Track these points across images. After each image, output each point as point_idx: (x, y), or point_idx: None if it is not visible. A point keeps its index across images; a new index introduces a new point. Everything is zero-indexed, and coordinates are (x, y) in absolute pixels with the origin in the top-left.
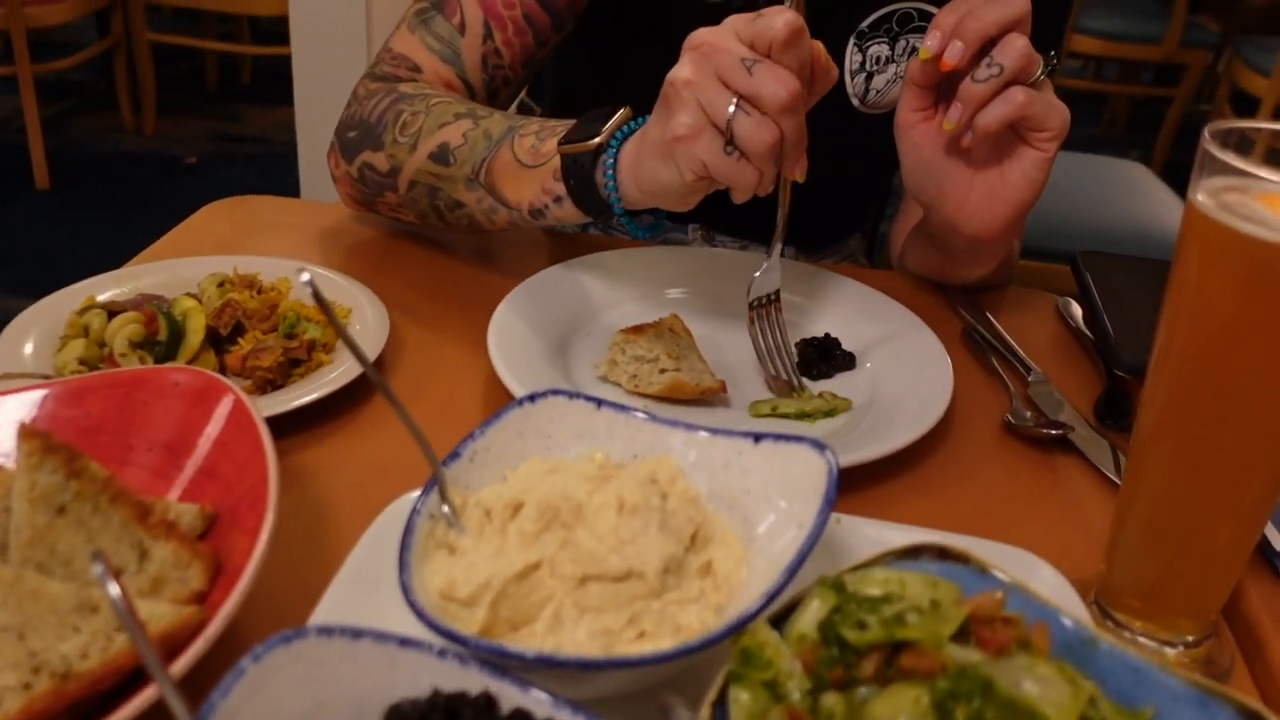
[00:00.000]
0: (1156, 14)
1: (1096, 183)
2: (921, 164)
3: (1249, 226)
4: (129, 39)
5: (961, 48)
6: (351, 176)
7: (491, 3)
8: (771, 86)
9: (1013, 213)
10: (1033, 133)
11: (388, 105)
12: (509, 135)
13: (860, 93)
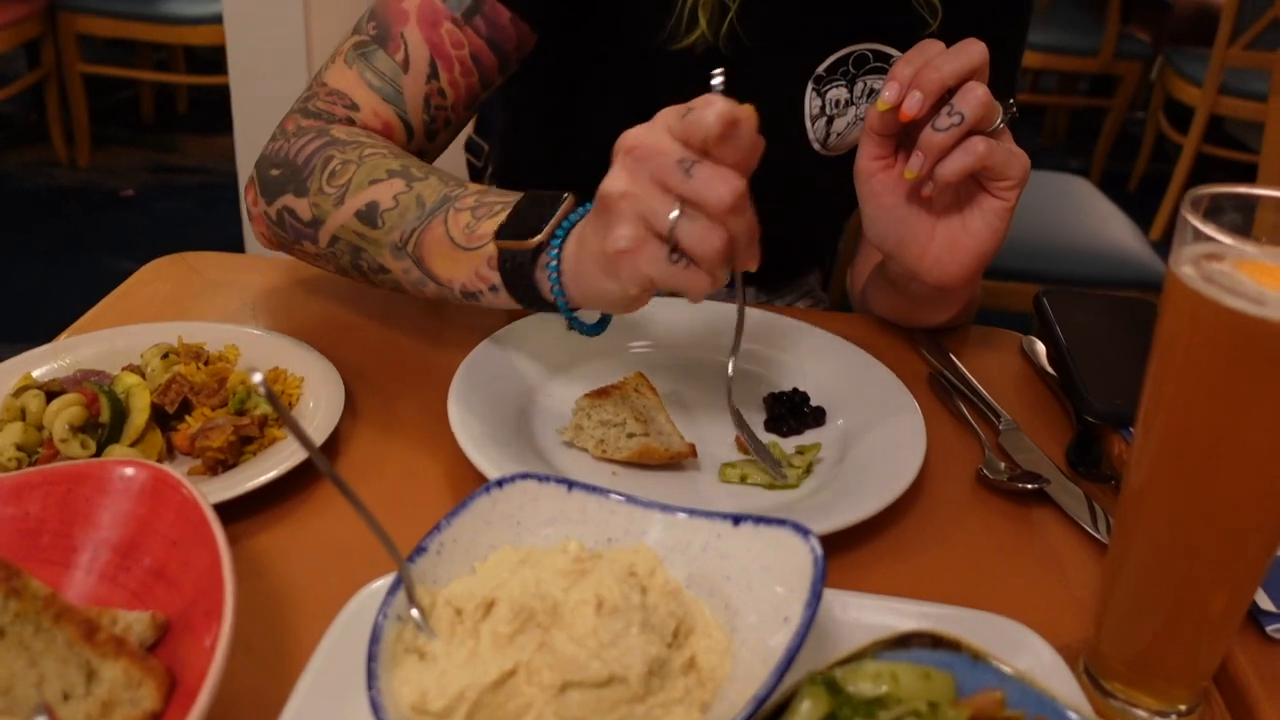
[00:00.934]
0: (1091, 27)
1: (1040, 198)
2: (882, 212)
3: (1232, 300)
4: (60, 70)
5: (920, 98)
6: (269, 217)
7: (439, 40)
8: (713, 189)
9: (975, 261)
10: (994, 182)
11: (317, 148)
12: (444, 207)
13: (821, 136)
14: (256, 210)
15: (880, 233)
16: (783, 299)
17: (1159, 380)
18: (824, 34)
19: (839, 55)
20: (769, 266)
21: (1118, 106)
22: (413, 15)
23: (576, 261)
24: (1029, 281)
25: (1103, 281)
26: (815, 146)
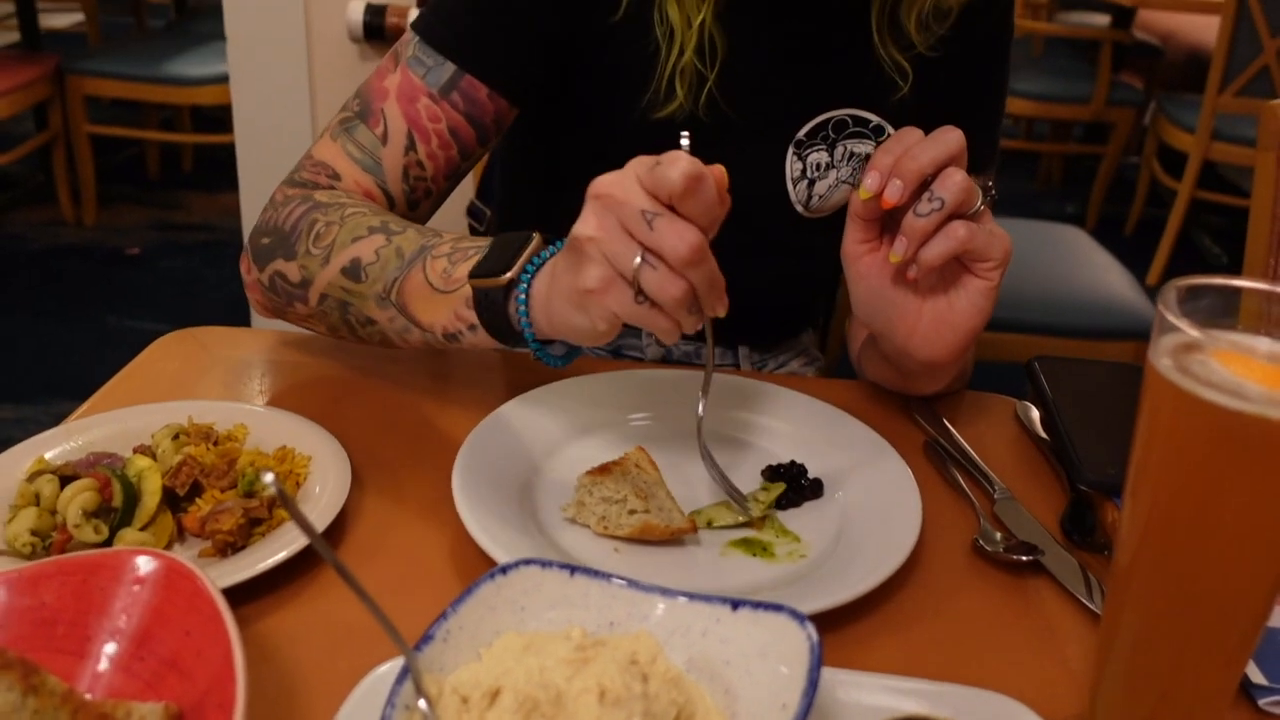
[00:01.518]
0: (1083, 75)
1: (1035, 249)
2: (870, 293)
3: (1209, 393)
4: (67, 131)
5: (901, 186)
6: (262, 284)
7: (416, 114)
8: (671, 242)
9: (963, 339)
10: (977, 263)
11: (302, 214)
12: (421, 255)
13: (803, 199)
14: (250, 279)
15: (869, 313)
16: (777, 359)
17: (1143, 462)
18: (802, 100)
19: (818, 120)
20: (762, 326)
21: (1111, 153)
22: (392, 91)
23: (547, 296)
24: (1025, 333)
25: (1099, 332)
26: (798, 209)
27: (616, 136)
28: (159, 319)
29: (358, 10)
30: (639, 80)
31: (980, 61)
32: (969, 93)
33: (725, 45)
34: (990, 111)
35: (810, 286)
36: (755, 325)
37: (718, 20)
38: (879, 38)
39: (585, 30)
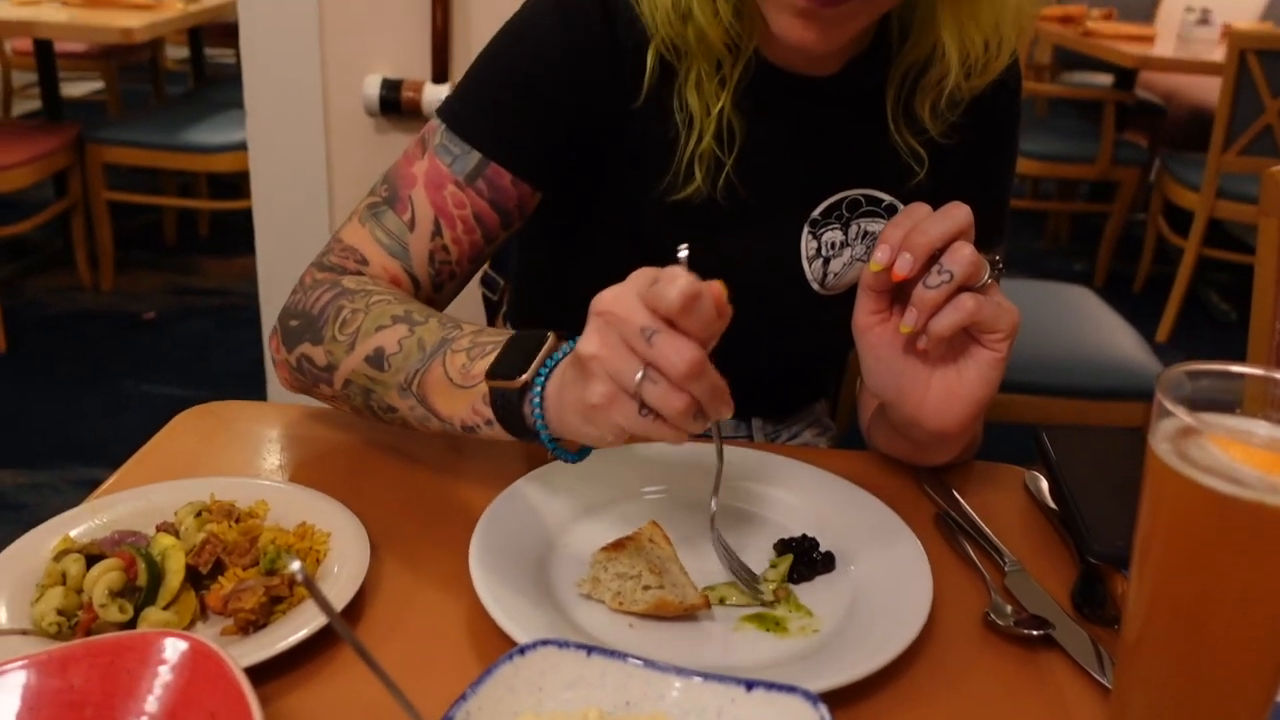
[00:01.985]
0: (1088, 134)
1: (1043, 310)
2: (880, 364)
3: (1208, 479)
4: (86, 198)
5: (910, 260)
6: (290, 364)
7: (442, 201)
8: (670, 358)
9: (972, 409)
10: (985, 334)
11: (329, 300)
12: (442, 349)
13: (819, 277)
14: (279, 358)
15: (880, 383)
16: (789, 429)
17: (1146, 543)
18: (817, 181)
19: (832, 200)
20: (776, 399)
21: (1118, 211)
22: (420, 179)
23: (558, 403)
24: (1035, 394)
25: (1108, 393)
26: (814, 286)
27: (633, 216)
28: (174, 383)
29: (374, 85)
30: (658, 163)
31: (990, 143)
32: (979, 173)
33: (743, 131)
34: (999, 191)
35: (824, 360)
36: (769, 398)
37: (736, 107)
38: (894, 124)
39: (607, 116)
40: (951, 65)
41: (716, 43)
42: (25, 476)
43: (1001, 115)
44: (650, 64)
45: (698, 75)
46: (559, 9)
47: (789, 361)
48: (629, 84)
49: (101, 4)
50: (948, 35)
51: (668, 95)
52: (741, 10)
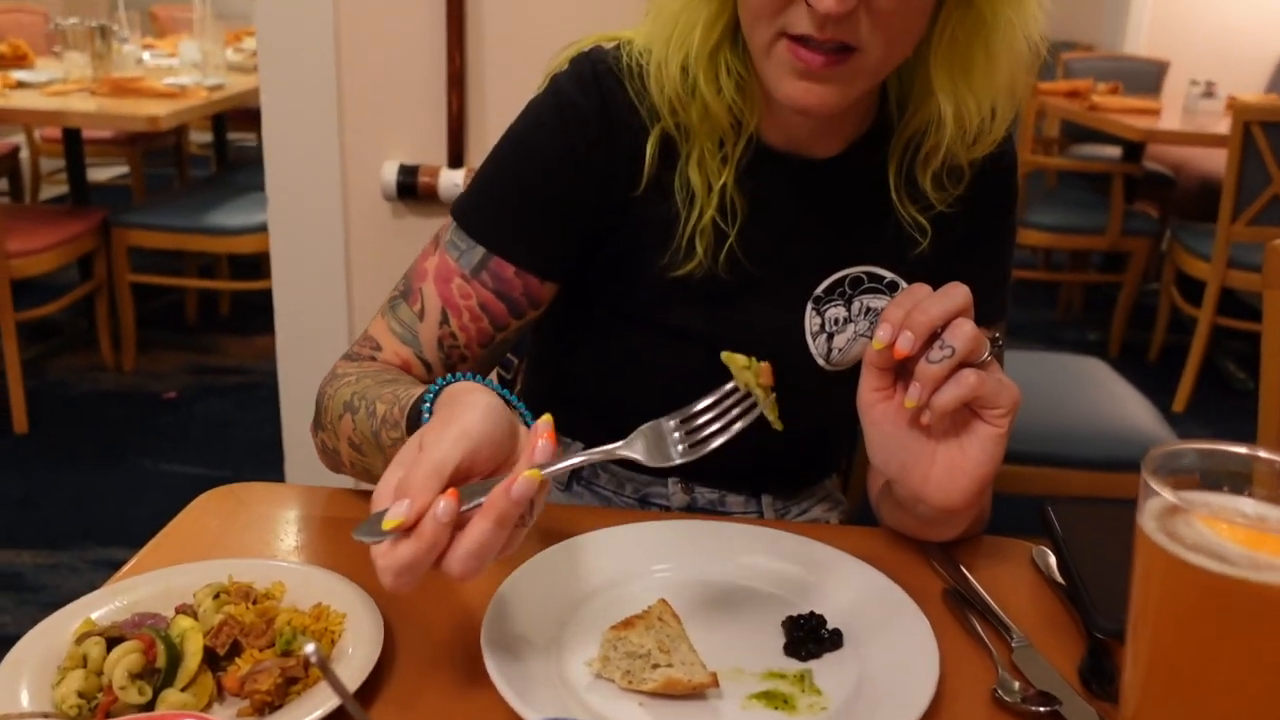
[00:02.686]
0: (1098, 205)
1: (1056, 381)
2: (885, 439)
3: (1194, 557)
4: (111, 280)
5: (912, 337)
6: (317, 447)
7: (449, 292)
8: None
9: (975, 485)
10: (986, 410)
11: (334, 391)
12: (377, 440)
13: (823, 353)
14: (315, 441)
15: (884, 458)
16: (801, 505)
17: (1139, 619)
18: (820, 260)
19: (836, 277)
20: (785, 476)
21: (1130, 281)
22: (431, 273)
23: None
24: (1048, 465)
25: (1121, 464)
26: (819, 362)
27: (636, 294)
28: (193, 462)
29: (391, 170)
30: (659, 241)
31: (990, 218)
32: (979, 249)
33: (745, 207)
34: (999, 267)
35: (832, 436)
36: (779, 475)
37: (738, 185)
38: (897, 197)
39: (608, 206)
40: (949, 131)
41: (720, 119)
42: (45, 557)
43: (1000, 190)
44: (650, 152)
45: (700, 153)
46: (558, 112)
47: (797, 438)
48: (629, 174)
49: (128, 93)
50: (945, 102)
51: (668, 178)
52: (743, 88)
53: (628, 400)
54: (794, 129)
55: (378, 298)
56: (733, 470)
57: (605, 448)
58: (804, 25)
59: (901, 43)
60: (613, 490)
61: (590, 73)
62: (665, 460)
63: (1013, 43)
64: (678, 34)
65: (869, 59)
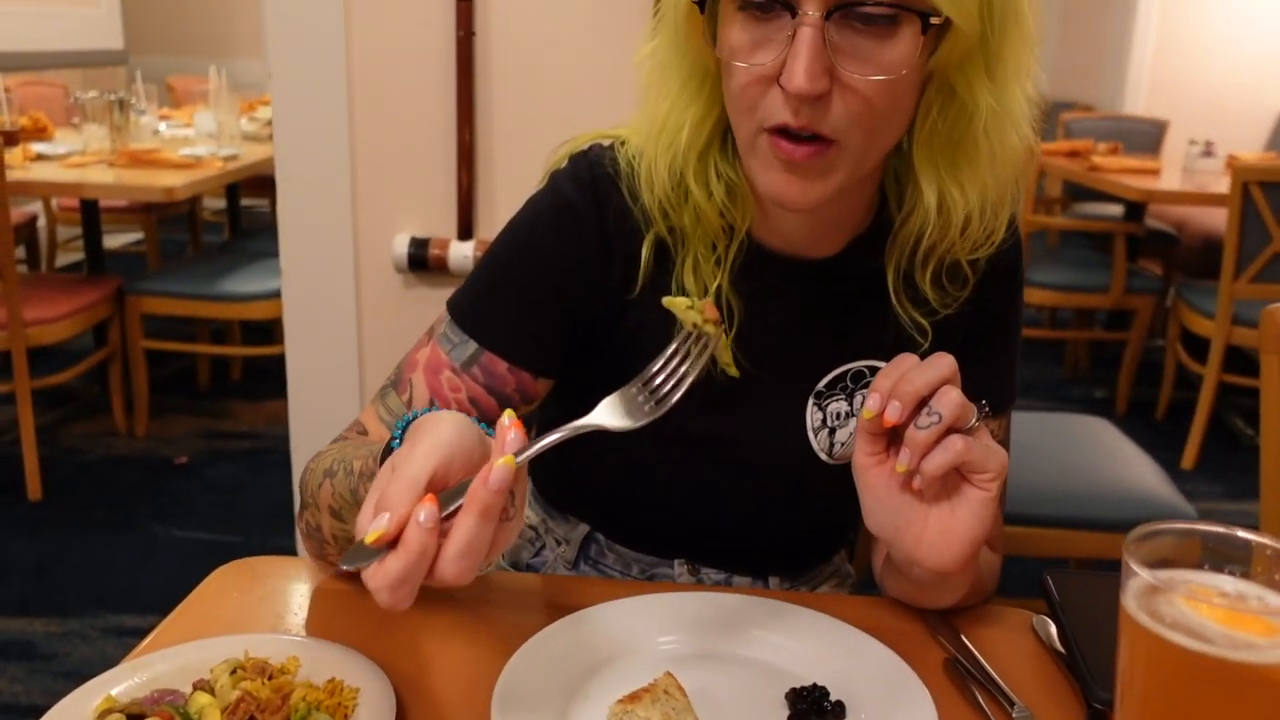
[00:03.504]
0: (1101, 264)
1: (1062, 441)
2: (879, 503)
3: (1174, 635)
4: (125, 347)
5: (899, 407)
6: (302, 532)
7: (438, 385)
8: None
9: (967, 547)
10: (975, 475)
11: (312, 470)
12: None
13: (825, 447)
14: (300, 526)
15: (879, 522)
16: (809, 584)
17: (1124, 693)
18: (821, 356)
19: (837, 373)
20: (792, 560)
21: (1135, 339)
22: (421, 364)
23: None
24: (1055, 527)
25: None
26: (822, 457)
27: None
28: (204, 528)
29: (403, 243)
30: (656, 345)
31: (995, 311)
32: (986, 338)
33: (742, 308)
34: (1007, 354)
35: (837, 524)
36: (785, 560)
37: (733, 287)
38: (896, 299)
39: (604, 309)
40: (933, 223)
41: (712, 223)
42: (57, 625)
43: (1006, 280)
44: (645, 256)
45: (694, 258)
46: (556, 213)
47: (802, 527)
48: (625, 278)
49: (145, 164)
50: (929, 192)
51: (664, 281)
52: (734, 191)
53: (629, 494)
54: (788, 229)
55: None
56: (739, 553)
57: (573, 424)
58: (781, 114)
59: (882, 133)
60: (619, 570)
61: (588, 175)
62: (635, 420)
63: (999, 133)
64: (666, 135)
65: (848, 151)
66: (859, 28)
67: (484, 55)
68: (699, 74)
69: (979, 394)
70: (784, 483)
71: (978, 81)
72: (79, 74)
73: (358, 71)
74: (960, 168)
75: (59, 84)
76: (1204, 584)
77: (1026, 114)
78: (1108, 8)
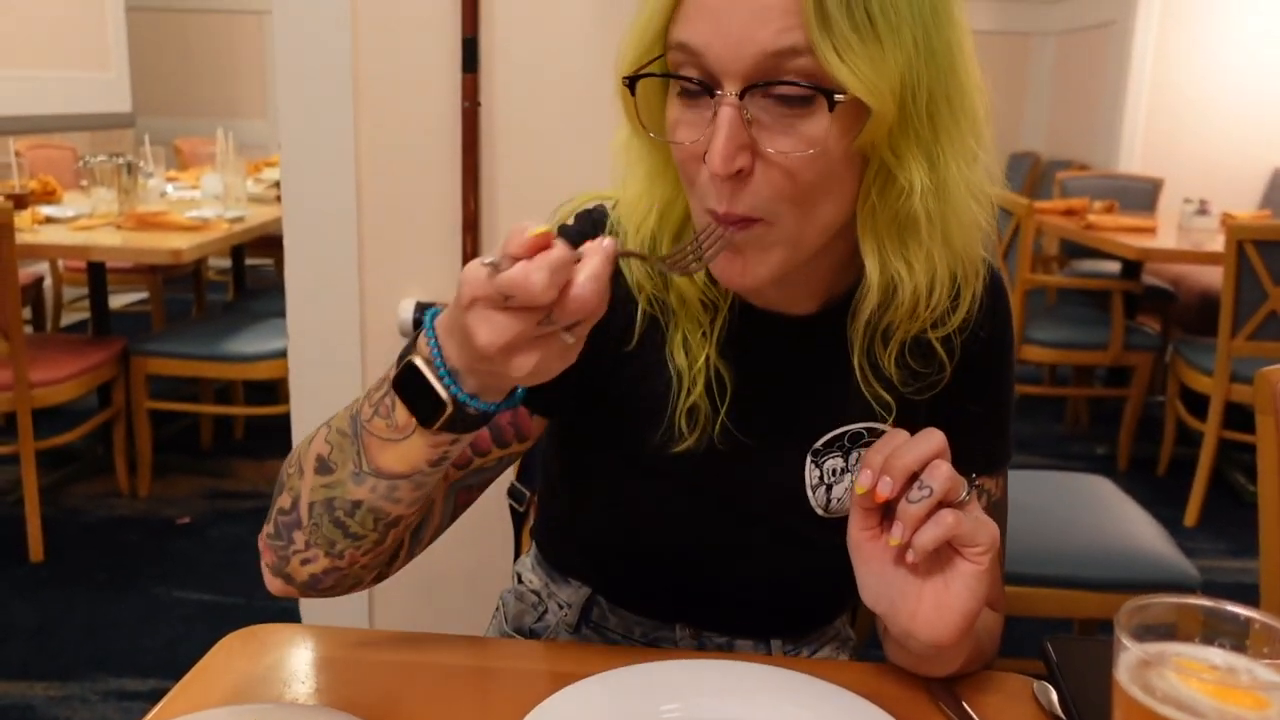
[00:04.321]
0: (1099, 321)
1: (1062, 501)
2: (874, 577)
3: (1165, 709)
4: (129, 407)
5: (891, 482)
6: (269, 536)
7: None
8: (509, 247)
9: (961, 621)
10: (967, 548)
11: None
12: (357, 423)
13: (822, 503)
14: (262, 544)
15: (874, 595)
16: (811, 646)
17: None
18: (816, 415)
19: (835, 434)
20: (793, 620)
21: (1135, 395)
22: None
23: (462, 365)
24: (1056, 587)
25: (1129, 585)
26: (819, 512)
27: (636, 465)
28: (205, 589)
29: (408, 308)
30: (654, 415)
31: (985, 382)
32: (978, 405)
33: (733, 376)
34: (999, 420)
35: (837, 579)
36: (786, 619)
37: (721, 355)
38: (860, 375)
39: (602, 357)
40: (875, 299)
41: (695, 303)
42: (57, 688)
43: (991, 353)
44: (640, 315)
45: (683, 336)
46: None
47: (801, 583)
48: (622, 331)
49: (152, 227)
50: (871, 268)
51: (660, 347)
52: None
53: (630, 555)
54: (768, 292)
55: None
56: (740, 616)
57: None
58: (710, 198)
59: (815, 209)
60: (621, 634)
61: (593, 231)
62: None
63: (940, 211)
64: (639, 216)
65: (781, 228)
66: (778, 104)
67: (489, 126)
68: (662, 158)
69: (971, 459)
70: (780, 537)
71: (913, 162)
72: (87, 136)
73: (365, 139)
74: (907, 245)
75: (68, 146)
76: (1195, 657)
77: (978, 192)
78: (1102, 67)
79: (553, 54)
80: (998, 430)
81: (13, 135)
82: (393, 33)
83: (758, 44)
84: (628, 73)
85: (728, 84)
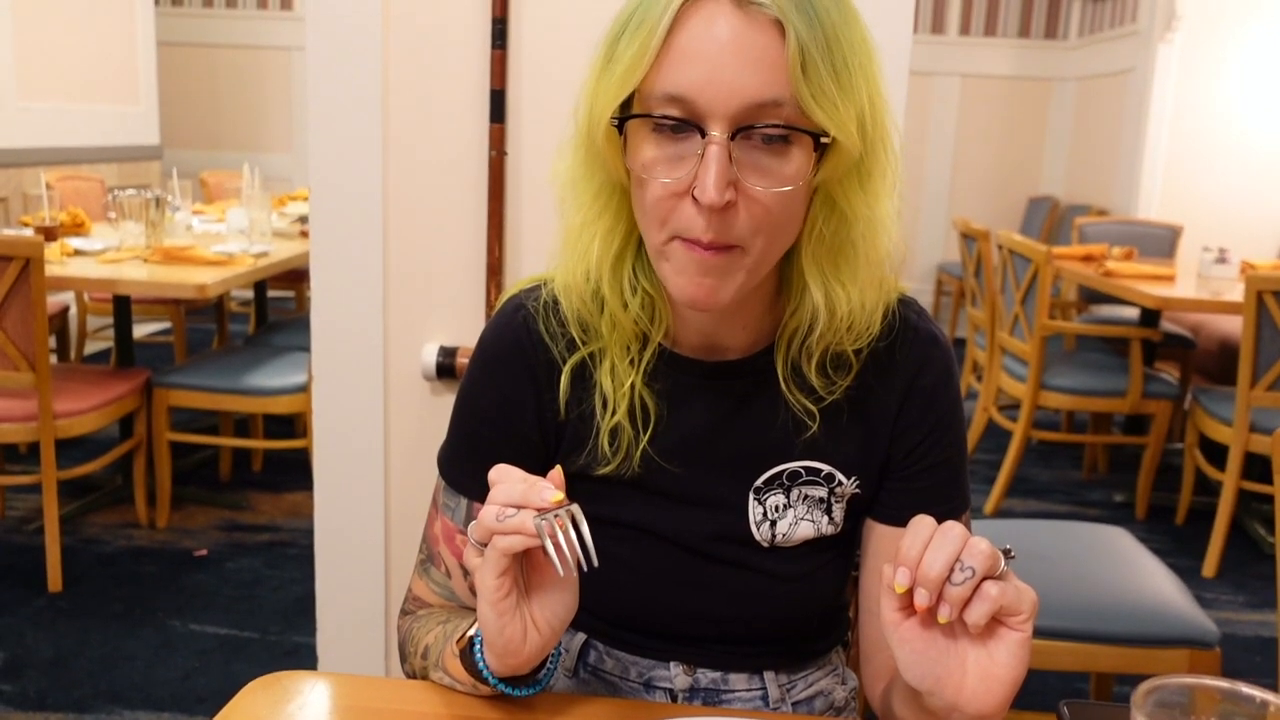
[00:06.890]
0: (1117, 368)
1: (1078, 553)
2: (915, 656)
3: None
4: (150, 438)
5: (926, 594)
6: (407, 673)
7: (458, 550)
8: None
9: (1009, 689)
10: (1009, 618)
11: (406, 630)
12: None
13: (767, 537)
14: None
15: (918, 675)
16: (805, 677)
17: None
18: (751, 455)
19: (773, 472)
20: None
21: (1153, 443)
22: (440, 537)
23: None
24: (1072, 640)
25: (1147, 640)
26: (764, 545)
27: (574, 487)
28: (221, 622)
29: (431, 352)
30: (579, 441)
31: (935, 425)
32: (930, 453)
33: (658, 407)
34: (954, 464)
35: (815, 606)
36: (774, 649)
37: (647, 385)
38: (786, 387)
39: (546, 434)
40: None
41: (627, 329)
42: (73, 719)
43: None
44: (564, 384)
45: (611, 363)
46: (484, 367)
47: (778, 611)
48: (554, 405)
49: (178, 261)
50: (816, 292)
51: (588, 398)
52: (648, 305)
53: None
54: (696, 335)
55: (415, 472)
56: (727, 652)
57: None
58: (694, 228)
59: (779, 238)
60: (618, 675)
61: (507, 322)
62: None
63: (871, 238)
64: (580, 247)
65: (751, 255)
66: (759, 146)
67: (514, 174)
68: (608, 188)
69: (936, 507)
70: (741, 574)
71: (855, 194)
72: (115, 167)
73: (393, 185)
74: (841, 269)
75: (96, 178)
76: None
77: (894, 222)
78: (1121, 113)
79: None
80: (955, 473)
81: (44, 166)
82: (423, 83)
83: (747, 93)
84: (605, 118)
85: (714, 125)
